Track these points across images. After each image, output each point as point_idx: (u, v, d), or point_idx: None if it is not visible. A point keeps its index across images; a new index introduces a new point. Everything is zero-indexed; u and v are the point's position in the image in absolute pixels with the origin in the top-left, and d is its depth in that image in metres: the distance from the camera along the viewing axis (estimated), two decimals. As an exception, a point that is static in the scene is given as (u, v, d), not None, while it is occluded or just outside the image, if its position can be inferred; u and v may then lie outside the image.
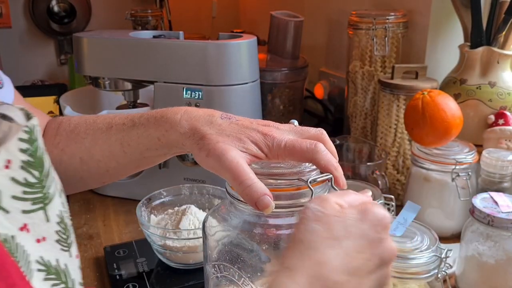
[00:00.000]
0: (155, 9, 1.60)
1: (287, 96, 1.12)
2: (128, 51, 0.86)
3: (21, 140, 0.34)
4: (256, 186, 0.40)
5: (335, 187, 0.43)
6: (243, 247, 0.44)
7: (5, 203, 0.32)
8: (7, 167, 0.32)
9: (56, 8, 1.67)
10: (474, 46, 0.85)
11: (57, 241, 0.37)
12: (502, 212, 0.59)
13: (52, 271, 0.35)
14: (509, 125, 0.81)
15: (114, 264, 0.70)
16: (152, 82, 0.87)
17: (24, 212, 0.34)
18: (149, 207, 0.74)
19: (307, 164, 0.44)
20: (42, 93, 1.24)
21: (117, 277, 0.67)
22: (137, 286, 0.65)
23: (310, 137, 0.44)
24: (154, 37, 0.93)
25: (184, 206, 0.73)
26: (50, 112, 1.23)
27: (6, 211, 0.32)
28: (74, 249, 0.39)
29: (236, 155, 0.42)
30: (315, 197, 0.38)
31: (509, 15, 0.81)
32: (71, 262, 0.38)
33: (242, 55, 0.85)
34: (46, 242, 0.35)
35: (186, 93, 0.84)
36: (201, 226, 0.68)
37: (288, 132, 0.45)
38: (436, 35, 0.95)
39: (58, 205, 0.37)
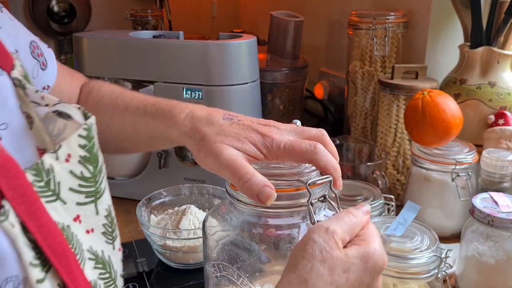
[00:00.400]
0: (155, 9, 1.60)
1: (287, 96, 1.12)
2: (128, 51, 0.86)
3: (81, 136, 0.36)
4: (256, 179, 0.40)
5: (333, 189, 0.43)
6: (243, 247, 0.44)
7: (63, 194, 0.34)
8: (67, 160, 0.35)
9: (56, 8, 1.67)
10: (474, 46, 0.85)
11: (103, 233, 0.39)
12: (502, 212, 0.59)
13: (99, 261, 0.38)
14: (509, 125, 0.81)
15: (114, 264, 0.70)
16: (152, 82, 0.87)
17: (78, 204, 0.36)
18: (149, 207, 0.74)
19: (306, 164, 0.44)
20: (42, 93, 1.24)
21: (117, 277, 0.67)
22: (137, 286, 0.65)
23: (311, 138, 0.44)
24: (154, 37, 0.93)
25: (184, 206, 0.73)
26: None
27: (64, 202, 0.34)
28: (117, 243, 0.41)
29: (233, 153, 0.42)
30: (321, 227, 0.38)
31: (509, 15, 0.81)
32: (114, 255, 0.40)
33: (242, 55, 0.85)
34: (94, 233, 0.38)
35: (186, 93, 0.84)
36: (201, 226, 0.68)
37: (288, 133, 0.45)
38: (436, 35, 0.95)
39: (107, 199, 0.40)
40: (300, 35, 1.14)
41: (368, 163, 0.85)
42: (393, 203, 0.73)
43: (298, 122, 0.48)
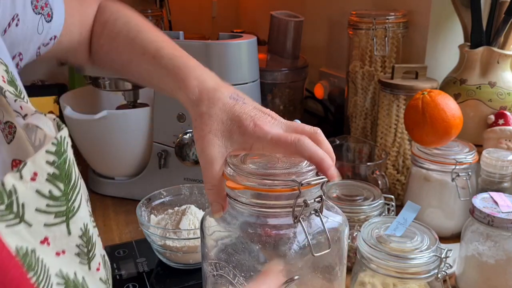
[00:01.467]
0: (155, 9, 1.60)
1: (287, 96, 1.12)
2: (128, 51, 0.86)
3: (49, 152, 0.33)
4: (213, 193, 0.45)
5: (324, 190, 0.43)
6: (240, 247, 0.44)
7: (28, 216, 0.32)
8: (33, 179, 0.32)
9: (56, 8, 1.67)
10: (474, 46, 0.85)
11: (77, 254, 0.37)
12: (502, 212, 0.59)
13: (70, 284, 0.35)
14: (509, 125, 0.81)
15: (114, 264, 0.70)
16: (152, 82, 0.87)
17: (46, 225, 0.33)
18: (149, 207, 0.74)
19: (304, 164, 0.44)
20: (42, 93, 1.24)
21: (117, 277, 0.67)
22: (137, 286, 0.65)
23: (303, 134, 0.45)
24: (154, 37, 0.93)
25: (184, 206, 0.73)
26: (50, 112, 1.23)
27: (29, 224, 0.32)
28: (95, 263, 0.39)
29: (214, 155, 0.44)
30: None
31: (509, 15, 0.81)
32: (89, 275, 0.38)
33: (242, 55, 0.85)
34: (65, 255, 0.35)
35: (186, 93, 0.84)
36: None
37: (282, 125, 0.46)
38: (436, 35, 0.95)
39: (83, 217, 0.37)
40: (300, 35, 1.14)
41: (368, 163, 0.85)
42: (393, 203, 0.73)
43: (298, 122, 0.48)
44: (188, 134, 0.85)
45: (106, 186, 0.95)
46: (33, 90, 1.27)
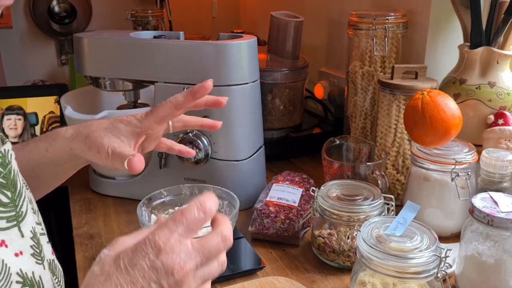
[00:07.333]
0: (156, 9, 1.60)
1: (287, 96, 1.12)
2: (129, 51, 0.86)
3: None
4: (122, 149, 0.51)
5: None
6: None
7: None
8: None
9: (56, 9, 1.67)
10: (473, 46, 0.86)
11: (32, 254, 0.40)
12: (502, 212, 0.60)
13: (27, 283, 0.38)
14: (508, 125, 0.81)
15: (115, 264, 0.70)
16: (152, 82, 0.87)
17: (0, 229, 0.37)
18: (149, 206, 0.74)
19: None
20: (42, 93, 1.24)
21: (118, 276, 0.67)
22: (138, 286, 0.66)
23: None
24: (155, 37, 0.93)
25: (184, 206, 0.73)
26: (51, 112, 1.24)
27: None
28: (46, 262, 0.42)
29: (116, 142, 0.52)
30: None
31: (509, 15, 0.82)
32: (44, 274, 0.41)
33: (242, 55, 0.85)
34: (23, 256, 0.38)
35: (186, 93, 0.84)
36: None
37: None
38: (435, 35, 0.95)
39: (31, 221, 0.41)
40: (300, 35, 1.14)
41: (368, 163, 0.86)
42: (393, 203, 0.73)
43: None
44: (188, 134, 0.85)
45: (107, 186, 0.95)
46: (34, 90, 1.27)
